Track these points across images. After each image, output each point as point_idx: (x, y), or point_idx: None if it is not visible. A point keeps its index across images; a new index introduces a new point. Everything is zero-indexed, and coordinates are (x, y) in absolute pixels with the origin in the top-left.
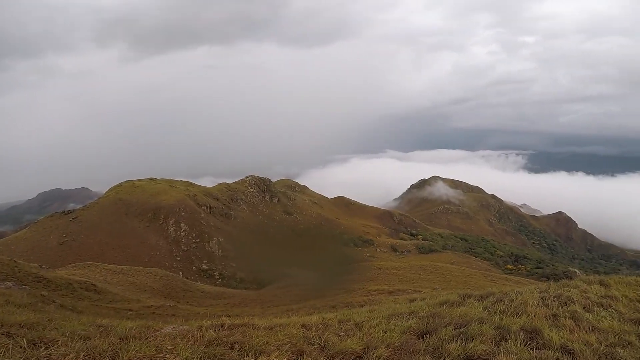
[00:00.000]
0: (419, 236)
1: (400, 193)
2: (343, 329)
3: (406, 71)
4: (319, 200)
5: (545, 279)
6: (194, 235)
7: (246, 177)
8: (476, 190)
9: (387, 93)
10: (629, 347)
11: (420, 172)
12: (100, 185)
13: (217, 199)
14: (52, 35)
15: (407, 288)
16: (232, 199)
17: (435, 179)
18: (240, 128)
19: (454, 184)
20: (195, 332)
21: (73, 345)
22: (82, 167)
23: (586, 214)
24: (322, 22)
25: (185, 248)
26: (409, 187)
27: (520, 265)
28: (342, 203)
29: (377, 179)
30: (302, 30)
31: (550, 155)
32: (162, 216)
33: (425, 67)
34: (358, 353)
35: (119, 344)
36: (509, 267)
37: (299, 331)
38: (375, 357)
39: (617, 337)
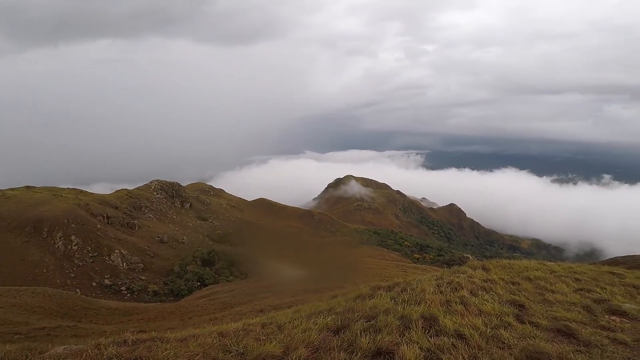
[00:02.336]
0: (338, 233)
1: (319, 192)
2: (265, 332)
3: (325, 74)
4: (238, 203)
5: (446, 265)
6: (89, 248)
7: (151, 182)
8: (384, 187)
9: (307, 94)
10: (510, 328)
11: (335, 172)
12: None
13: (116, 208)
14: None
15: (331, 285)
16: (134, 207)
17: (349, 178)
18: (143, 128)
19: (365, 182)
20: (91, 351)
21: None
22: None
23: (472, 204)
24: (246, 21)
25: (80, 263)
26: (326, 186)
27: (425, 254)
28: (263, 205)
29: (297, 180)
30: (224, 28)
31: (443, 154)
32: (46, 229)
33: (341, 71)
34: (278, 356)
35: None
36: (416, 256)
37: (215, 340)
38: (295, 358)
39: (499, 319)
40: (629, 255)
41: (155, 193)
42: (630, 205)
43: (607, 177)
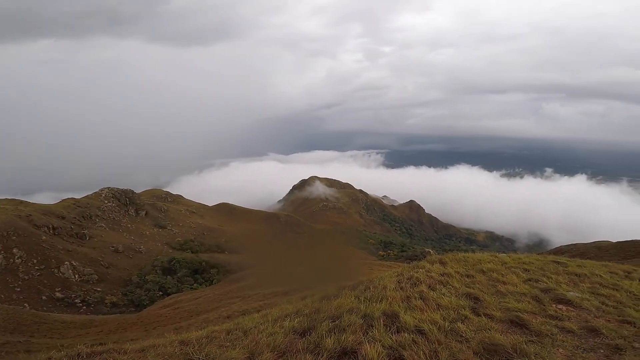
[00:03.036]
0: (305, 234)
1: (284, 195)
2: (230, 338)
3: (288, 75)
4: (198, 208)
5: (410, 260)
6: (35, 261)
7: (101, 190)
8: (347, 187)
9: (269, 95)
10: (467, 321)
11: (300, 173)
12: None
13: (63, 218)
14: None
15: (300, 286)
16: (83, 217)
17: (313, 179)
18: (89, 132)
19: (330, 182)
20: None
21: None
22: None
23: (430, 200)
24: (205, 21)
25: (26, 277)
26: (291, 188)
27: (389, 251)
28: (226, 209)
29: (261, 182)
30: (180, 28)
31: (402, 153)
32: None
33: (304, 72)
34: None
35: None
36: (381, 253)
37: (176, 349)
38: None
39: (456, 312)
40: (572, 244)
41: (106, 201)
42: (570, 197)
43: (549, 170)
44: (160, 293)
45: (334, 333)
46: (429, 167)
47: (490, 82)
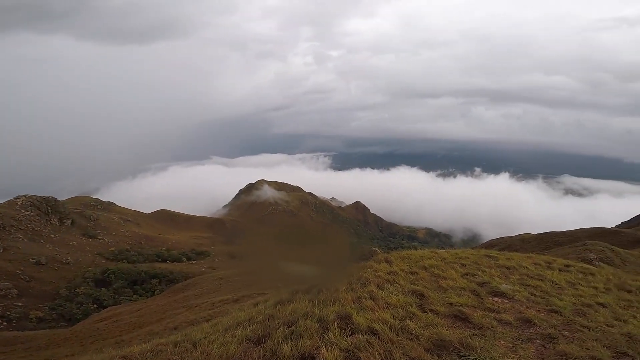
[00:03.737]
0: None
1: (229, 200)
2: (177, 351)
3: (235, 76)
4: (134, 216)
5: (359, 260)
6: None
7: (17, 198)
8: (297, 190)
9: (214, 97)
10: (415, 318)
11: (247, 177)
12: None
13: None
14: None
15: (252, 292)
16: None
17: (261, 182)
18: (4, 135)
19: (279, 185)
20: None
21: None
22: None
23: (375, 201)
24: (145, 19)
25: None
26: (237, 192)
27: None
28: (165, 217)
29: (204, 187)
30: (117, 25)
31: (348, 155)
32: None
33: (252, 74)
34: None
35: None
36: None
37: None
38: None
39: (404, 309)
40: (500, 238)
41: (23, 210)
42: (497, 193)
43: (477, 169)
44: (95, 306)
45: (291, 339)
46: (373, 168)
47: (426, 86)
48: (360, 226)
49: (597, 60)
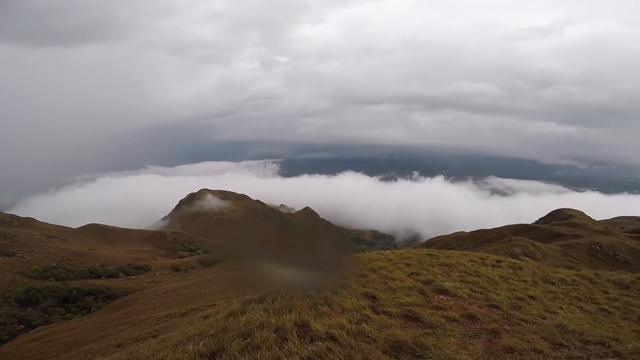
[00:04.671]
0: (199, 250)
1: (169, 211)
2: None
3: (173, 81)
4: (58, 232)
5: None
6: None
7: None
8: (244, 198)
9: (150, 103)
10: (370, 320)
11: (188, 187)
12: None
13: None
14: None
15: (200, 305)
16: None
17: (204, 192)
18: None
19: (224, 194)
20: None
21: None
22: None
23: (324, 206)
24: (71, 20)
25: None
26: (177, 203)
27: None
28: (96, 231)
29: (139, 199)
30: (37, 26)
31: (296, 162)
32: None
33: (193, 79)
34: None
35: None
36: None
37: None
38: None
39: (359, 313)
40: (438, 237)
41: None
42: (433, 195)
43: (416, 173)
44: (22, 326)
45: (248, 352)
46: (321, 174)
47: (368, 93)
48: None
49: (516, 68)
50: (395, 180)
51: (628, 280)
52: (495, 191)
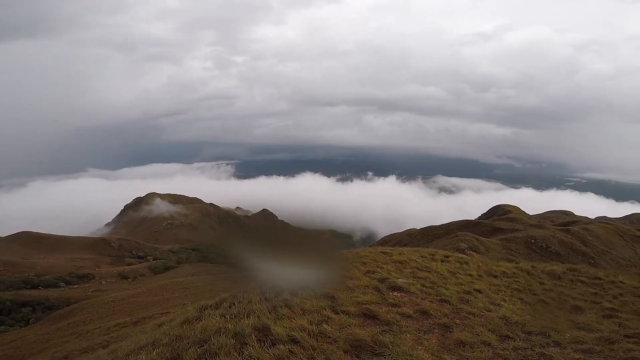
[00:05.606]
0: (149, 257)
1: (113, 216)
2: None
3: (118, 79)
4: None
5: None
6: None
7: None
8: (196, 202)
9: (91, 102)
10: (330, 321)
11: (134, 191)
12: None
13: None
14: None
15: (153, 313)
16: None
17: (152, 196)
18: None
19: (174, 198)
20: None
21: None
22: None
23: (283, 207)
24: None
25: None
26: (122, 208)
27: None
28: (29, 239)
29: (79, 204)
30: None
31: (252, 163)
32: None
33: (140, 77)
34: None
35: None
36: None
37: None
38: None
39: (319, 314)
40: (392, 234)
41: None
42: (387, 194)
43: (370, 173)
44: None
45: (205, 359)
46: (279, 175)
47: (326, 95)
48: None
49: (460, 73)
50: (352, 181)
51: (560, 271)
52: (442, 189)
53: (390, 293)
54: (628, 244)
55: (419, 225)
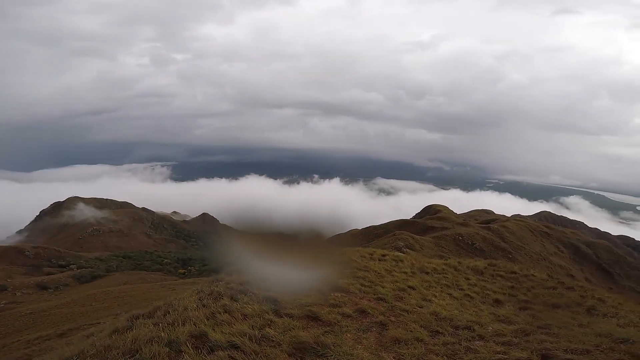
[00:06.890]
0: (73, 265)
1: (26, 223)
2: None
3: (37, 74)
4: None
5: (215, 272)
6: None
7: None
8: (126, 206)
9: (2, 97)
10: (273, 324)
11: (53, 195)
12: None
13: None
14: None
15: (81, 324)
16: None
17: (74, 200)
18: None
19: (100, 203)
20: None
21: None
22: None
23: (225, 211)
24: None
25: None
26: (38, 214)
27: (190, 267)
28: None
29: None
30: None
31: (191, 165)
32: None
33: (64, 72)
34: None
35: None
36: (181, 271)
37: None
38: None
39: (261, 318)
40: (336, 235)
41: None
42: (331, 196)
43: (316, 176)
44: None
45: None
46: (221, 178)
47: (272, 97)
48: (210, 238)
49: (399, 79)
50: (298, 183)
51: (482, 266)
52: (382, 191)
53: (332, 293)
54: (538, 239)
55: (362, 225)
